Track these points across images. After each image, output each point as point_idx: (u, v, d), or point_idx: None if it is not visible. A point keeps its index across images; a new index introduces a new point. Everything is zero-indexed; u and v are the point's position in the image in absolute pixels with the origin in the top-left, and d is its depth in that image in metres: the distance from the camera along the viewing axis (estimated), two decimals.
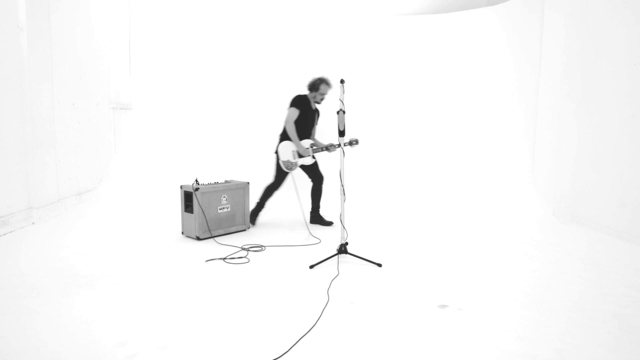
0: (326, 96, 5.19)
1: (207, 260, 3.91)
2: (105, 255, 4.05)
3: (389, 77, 7.76)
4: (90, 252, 4.13)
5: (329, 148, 5.10)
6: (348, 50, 7.77)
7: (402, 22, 7.71)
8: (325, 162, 6.38)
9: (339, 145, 4.68)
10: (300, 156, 5.10)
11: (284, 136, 5.15)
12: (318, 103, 5.25)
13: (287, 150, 5.09)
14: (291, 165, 5.08)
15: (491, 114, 7.11)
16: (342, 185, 3.84)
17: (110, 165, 6.92)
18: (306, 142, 5.15)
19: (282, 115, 5.22)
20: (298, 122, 5.10)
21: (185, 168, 7.00)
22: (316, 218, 5.39)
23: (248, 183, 5.07)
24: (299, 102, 5.12)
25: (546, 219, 5.61)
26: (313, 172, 5.29)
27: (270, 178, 5.29)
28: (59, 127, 5.60)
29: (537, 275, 3.65)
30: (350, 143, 4.95)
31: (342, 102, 3.79)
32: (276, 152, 5.16)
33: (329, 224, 5.34)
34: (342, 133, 3.79)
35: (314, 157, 5.19)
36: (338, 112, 3.77)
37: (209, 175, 6.33)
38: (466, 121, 7.37)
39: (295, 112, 5.07)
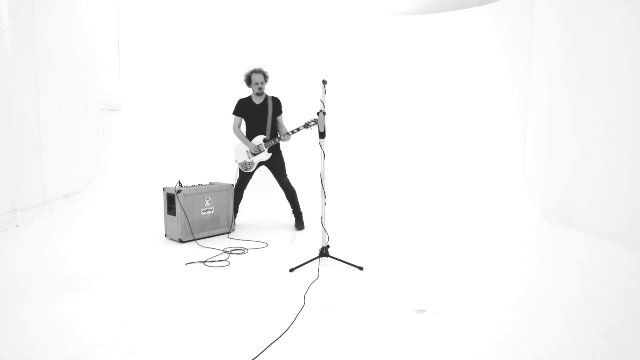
0: (263, 83, 5.17)
1: (186, 264, 3.86)
2: (87, 258, 4.01)
3: (380, 78, 7.71)
4: (73, 255, 4.10)
5: (282, 137, 5.06)
6: (338, 50, 7.72)
7: (393, 23, 7.65)
8: (310, 164, 6.33)
9: (294, 132, 4.90)
10: (254, 154, 5.13)
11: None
12: (259, 94, 5.21)
13: (241, 152, 5.22)
14: (248, 165, 5.16)
15: (482, 114, 7.06)
16: (323, 188, 3.78)
17: (100, 167, 6.86)
18: (258, 139, 5.17)
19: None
20: (247, 124, 5.27)
21: (174, 170, 6.93)
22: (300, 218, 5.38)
23: (232, 185, 5.03)
24: (237, 107, 5.31)
25: (536, 220, 5.54)
26: (277, 175, 5.28)
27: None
28: (44, 129, 5.55)
29: (520, 279, 3.58)
30: (307, 125, 4.87)
31: (323, 103, 3.74)
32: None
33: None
34: (322, 134, 3.74)
35: (270, 151, 5.17)
36: (318, 114, 3.72)
37: (198, 177, 6.28)
38: (457, 122, 7.31)
39: (236, 119, 5.28)
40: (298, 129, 4.94)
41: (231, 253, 4.19)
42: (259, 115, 5.19)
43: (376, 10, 7.76)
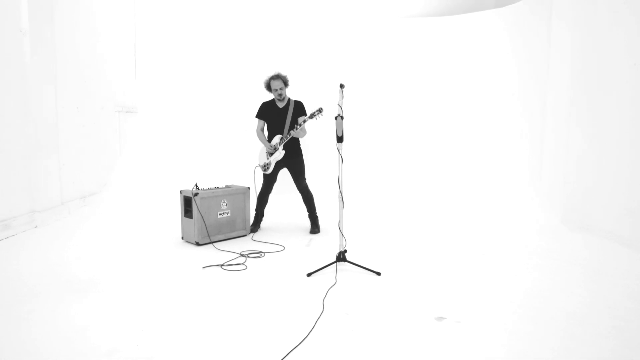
0: (282, 89, 5.13)
1: (204, 267, 3.87)
2: (104, 261, 4.03)
3: (394, 81, 7.67)
4: (90, 257, 4.13)
5: (290, 133, 5.04)
6: (353, 53, 7.70)
7: (408, 25, 7.62)
8: (326, 168, 6.32)
9: (302, 123, 4.91)
10: (271, 154, 5.16)
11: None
12: (280, 100, 5.18)
13: (262, 154, 5.29)
14: (267, 166, 5.18)
15: (498, 118, 7.00)
16: (341, 192, 3.77)
17: (115, 169, 6.92)
18: (275, 139, 5.19)
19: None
20: (268, 127, 5.28)
21: (190, 172, 6.97)
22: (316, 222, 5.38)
23: (249, 188, 5.03)
24: (260, 110, 5.31)
25: (554, 225, 5.49)
26: (296, 178, 5.29)
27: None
28: (62, 131, 5.61)
29: (539, 286, 3.54)
30: (312, 115, 4.83)
31: (341, 107, 3.73)
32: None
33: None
34: (340, 139, 3.73)
35: (286, 151, 5.15)
36: (336, 118, 3.71)
37: (213, 179, 6.30)
38: (472, 125, 7.26)
39: (259, 123, 5.30)
40: (304, 121, 4.93)
41: (248, 257, 4.20)
42: (280, 118, 5.17)
43: (390, 13, 7.73)
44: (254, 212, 5.37)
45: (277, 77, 5.12)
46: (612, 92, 4.98)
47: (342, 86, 3.78)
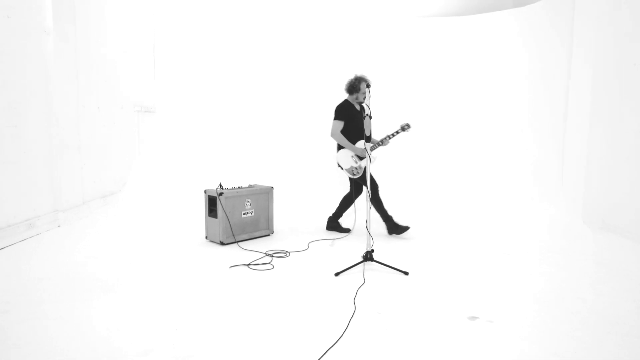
0: (368, 93, 5.08)
1: (231, 267, 3.88)
2: (128, 260, 4.05)
3: (411, 81, 7.65)
4: (113, 257, 4.14)
5: (382, 142, 4.93)
6: (369, 53, 7.68)
7: (424, 25, 7.60)
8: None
9: (393, 135, 4.78)
10: (361, 158, 5.00)
11: (340, 146, 5.09)
12: (362, 102, 5.07)
13: (347, 158, 5.03)
14: (356, 170, 5.01)
15: (519, 118, 6.96)
16: (369, 191, 3.77)
17: (134, 168, 6.95)
18: (361, 144, 5.01)
19: (308, 117, 5.16)
20: (348, 129, 5.04)
21: (209, 171, 6.99)
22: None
23: (272, 187, 5.03)
24: (341, 112, 5.06)
25: (576, 226, 5.46)
26: (357, 183, 5.17)
27: (298, 182, 5.28)
28: (84, 131, 5.64)
29: (567, 287, 3.52)
30: (403, 128, 4.81)
31: (369, 107, 3.73)
32: (338, 164, 5.12)
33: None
34: (368, 138, 3.73)
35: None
36: (364, 118, 3.71)
37: (232, 178, 6.32)
38: (493, 125, 7.22)
39: (339, 124, 5.02)
40: (397, 132, 4.86)
41: (273, 256, 4.20)
42: (360, 121, 5.01)
43: (406, 12, 7.71)
44: (333, 213, 5.35)
45: (367, 80, 4.96)
46: (634, 93, 4.94)
47: (368, 86, 3.79)
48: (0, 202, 4.33)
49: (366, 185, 4.98)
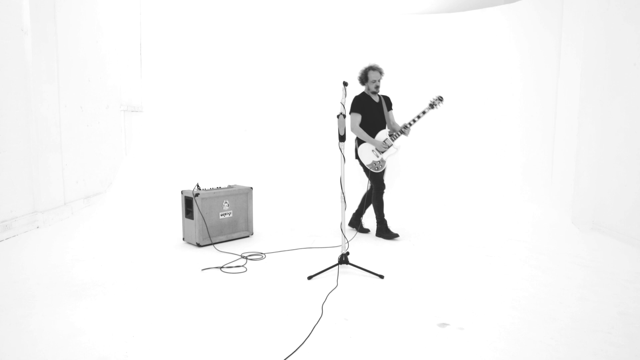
0: (379, 82, 4.96)
1: (203, 270, 3.79)
2: (103, 262, 3.98)
3: (401, 79, 7.54)
4: (89, 259, 4.07)
5: (403, 131, 4.85)
6: (359, 50, 7.58)
7: (414, 22, 7.48)
8: (329, 168, 6.20)
9: (410, 124, 4.81)
10: (381, 152, 4.91)
11: (360, 140, 4.97)
12: (375, 92, 5.00)
13: (367, 152, 4.93)
14: (378, 165, 4.91)
15: (507, 116, 6.85)
16: (343, 193, 3.66)
17: (120, 169, 6.87)
18: (382, 135, 4.92)
19: (297, 116, 5.06)
20: (366, 121, 4.93)
21: (195, 172, 6.91)
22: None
23: (251, 188, 4.94)
24: (356, 104, 4.96)
25: (564, 226, 5.34)
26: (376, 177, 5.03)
27: (279, 183, 5.17)
28: (65, 131, 5.56)
29: (549, 291, 3.41)
30: (432, 105, 4.75)
31: (343, 105, 3.62)
32: (357, 158, 5.01)
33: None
34: (342, 138, 3.62)
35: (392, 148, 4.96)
36: (338, 116, 3.60)
37: (217, 179, 6.23)
38: (482, 124, 7.11)
39: (356, 117, 4.91)
40: (424, 112, 4.76)
41: (249, 258, 4.11)
42: (379, 113, 4.95)
43: (396, 9, 7.60)
44: (356, 211, 5.25)
45: (376, 68, 4.93)
46: (625, 90, 4.82)
47: (345, 84, 3.68)
48: None
49: (377, 180, 4.94)
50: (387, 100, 5.14)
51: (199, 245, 4.46)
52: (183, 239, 4.68)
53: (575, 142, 5.40)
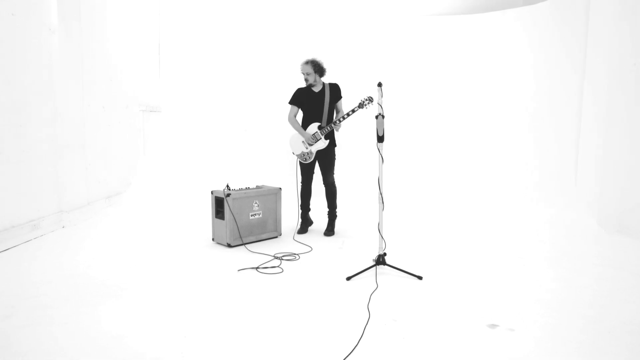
0: (307, 74, 4.97)
1: (239, 270, 3.78)
2: (134, 263, 3.96)
3: (420, 80, 7.56)
4: (118, 259, 4.05)
5: (333, 126, 4.87)
6: (377, 52, 7.59)
7: (433, 23, 7.49)
8: (362, 169, 6.20)
9: (346, 116, 4.80)
10: (310, 144, 4.98)
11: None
12: (312, 85, 5.02)
13: (297, 143, 5.05)
14: (307, 156, 5.01)
15: (531, 117, 6.85)
16: (381, 193, 3.66)
17: (139, 168, 6.86)
18: (312, 128, 4.99)
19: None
20: (304, 113, 5.08)
21: (215, 171, 6.91)
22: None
23: (280, 189, 4.93)
24: (294, 97, 5.11)
25: (591, 228, 5.34)
26: (324, 171, 5.10)
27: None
28: (89, 130, 5.55)
29: (590, 293, 3.40)
30: (361, 105, 4.71)
31: (381, 105, 3.62)
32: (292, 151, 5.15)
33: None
34: (380, 138, 3.61)
35: (327, 139, 4.96)
36: (377, 117, 3.59)
37: (238, 179, 6.23)
38: (505, 125, 7.11)
39: (292, 109, 5.09)
40: (353, 111, 4.76)
41: (282, 259, 4.10)
42: (316, 104, 4.99)
43: (416, 10, 7.60)
44: (300, 211, 5.25)
45: (308, 62, 4.98)
46: None
47: (380, 85, 3.68)
48: (3, 202, 4.24)
49: (305, 171, 5.08)
50: (335, 89, 5.10)
51: (229, 246, 4.45)
52: (212, 239, 4.67)
53: (601, 144, 5.39)
